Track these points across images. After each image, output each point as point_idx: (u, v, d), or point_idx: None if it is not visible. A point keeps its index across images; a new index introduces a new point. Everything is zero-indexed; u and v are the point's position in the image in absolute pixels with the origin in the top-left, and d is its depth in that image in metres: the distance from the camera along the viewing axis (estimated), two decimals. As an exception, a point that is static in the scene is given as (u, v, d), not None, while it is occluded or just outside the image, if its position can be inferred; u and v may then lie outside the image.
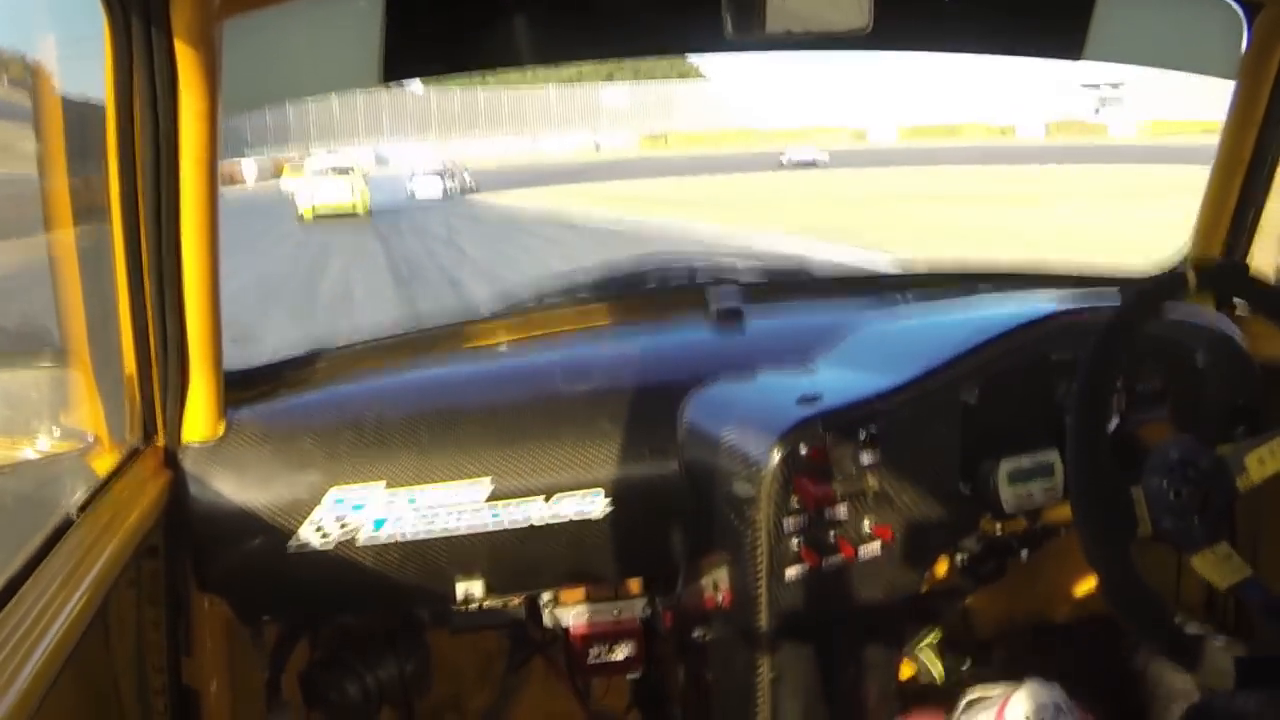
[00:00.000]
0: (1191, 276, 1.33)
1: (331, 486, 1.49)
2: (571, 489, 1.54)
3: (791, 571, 1.42)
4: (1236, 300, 1.82)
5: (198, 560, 1.48)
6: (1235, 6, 1.68)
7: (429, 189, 31.06)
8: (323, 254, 17.65)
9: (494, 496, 1.52)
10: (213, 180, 1.31)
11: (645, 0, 1.57)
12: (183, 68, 1.23)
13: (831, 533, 1.43)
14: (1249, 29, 1.69)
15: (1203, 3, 1.73)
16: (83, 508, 1.22)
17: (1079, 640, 2.02)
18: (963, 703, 1.70)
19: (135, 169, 1.28)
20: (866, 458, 1.45)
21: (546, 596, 1.72)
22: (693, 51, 1.65)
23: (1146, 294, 1.34)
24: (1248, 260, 1.85)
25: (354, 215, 25.65)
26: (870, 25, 1.33)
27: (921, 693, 1.91)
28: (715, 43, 1.40)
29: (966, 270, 2.06)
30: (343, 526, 1.49)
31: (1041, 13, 1.73)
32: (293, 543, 1.48)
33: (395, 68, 1.43)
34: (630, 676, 1.80)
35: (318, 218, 25.29)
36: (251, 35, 1.28)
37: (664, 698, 1.80)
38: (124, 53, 1.22)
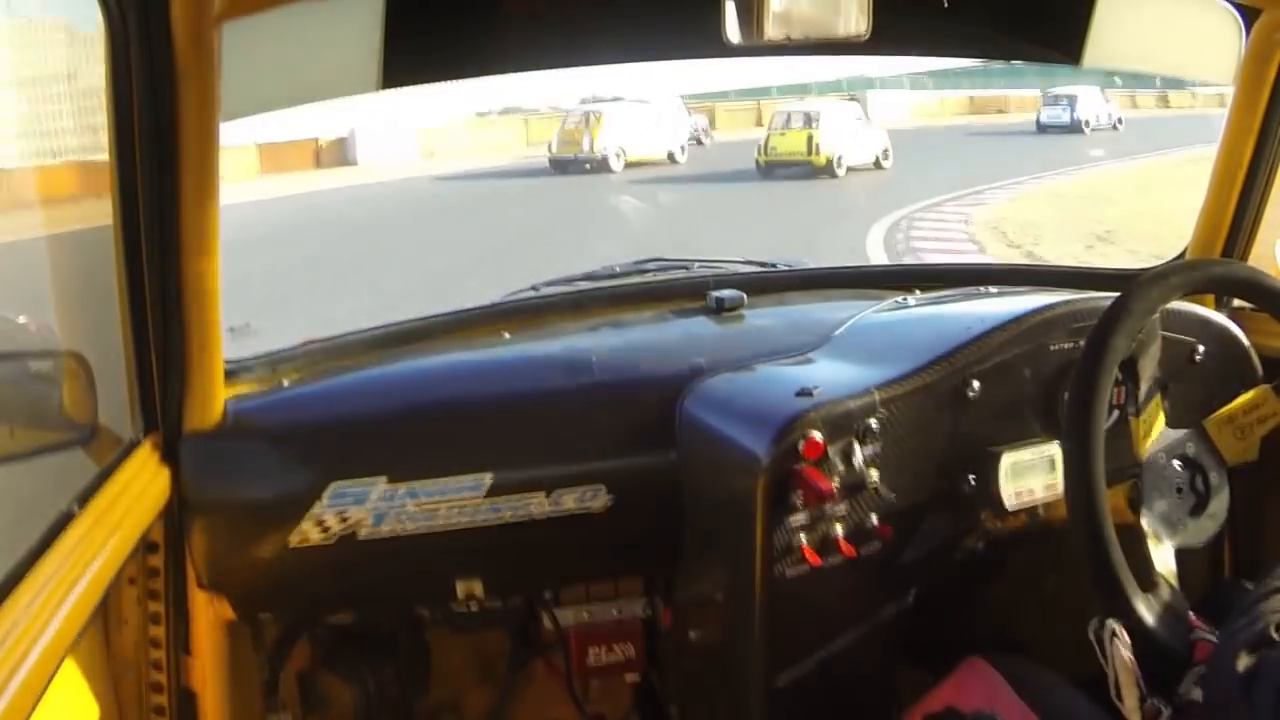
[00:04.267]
0: (1190, 272, 1.33)
1: (333, 480, 1.49)
2: (572, 482, 1.54)
3: (792, 571, 1.41)
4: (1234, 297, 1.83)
5: (198, 555, 1.48)
6: (1233, 12, 1.69)
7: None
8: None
9: (494, 490, 1.52)
10: (213, 173, 1.32)
11: (645, 7, 1.58)
12: (181, 70, 1.24)
13: (832, 531, 1.43)
14: (1246, 34, 1.70)
15: (1201, 8, 1.73)
16: (82, 501, 1.23)
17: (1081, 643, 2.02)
18: None
19: (134, 165, 1.29)
20: (866, 451, 1.43)
21: (547, 596, 1.72)
22: (692, 58, 1.66)
23: (1145, 287, 1.34)
24: (1247, 260, 1.86)
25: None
26: (869, 31, 1.34)
27: None
28: (715, 49, 1.40)
29: (966, 268, 2.06)
30: (344, 521, 1.49)
31: (1040, 18, 1.73)
32: (293, 537, 1.49)
33: (394, 74, 1.44)
34: (630, 678, 1.80)
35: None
36: (249, 41, 1.29)
37: (664, 699, 1.80)
38: (122, 53, 1.23)
